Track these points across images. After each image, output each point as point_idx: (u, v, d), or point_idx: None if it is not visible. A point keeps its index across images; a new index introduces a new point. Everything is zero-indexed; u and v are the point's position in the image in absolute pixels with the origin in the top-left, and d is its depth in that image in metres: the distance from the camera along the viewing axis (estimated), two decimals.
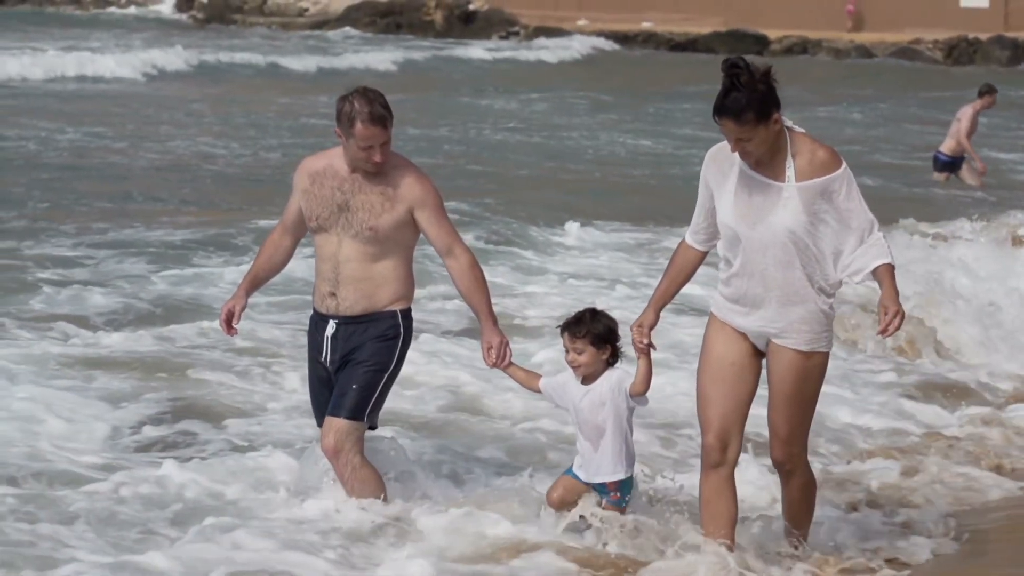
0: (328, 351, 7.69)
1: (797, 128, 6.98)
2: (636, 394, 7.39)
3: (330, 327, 7.68)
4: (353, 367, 7.61)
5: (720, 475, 7.13)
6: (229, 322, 7.89)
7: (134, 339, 11.28)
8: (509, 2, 59.10)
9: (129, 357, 10.74)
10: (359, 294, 7.63)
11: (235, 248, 14.85)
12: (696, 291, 10.98)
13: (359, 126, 7.45)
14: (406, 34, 56.05)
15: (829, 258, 6.94)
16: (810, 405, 7.15)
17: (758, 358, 7.15)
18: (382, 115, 7.49)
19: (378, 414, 7.78)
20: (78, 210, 17.02)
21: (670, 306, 7.51)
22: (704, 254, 7.28)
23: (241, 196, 18.55)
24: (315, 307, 7.79)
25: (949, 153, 22.18)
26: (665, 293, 7.31)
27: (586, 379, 7.48)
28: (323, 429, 7.66)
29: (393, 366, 7.69)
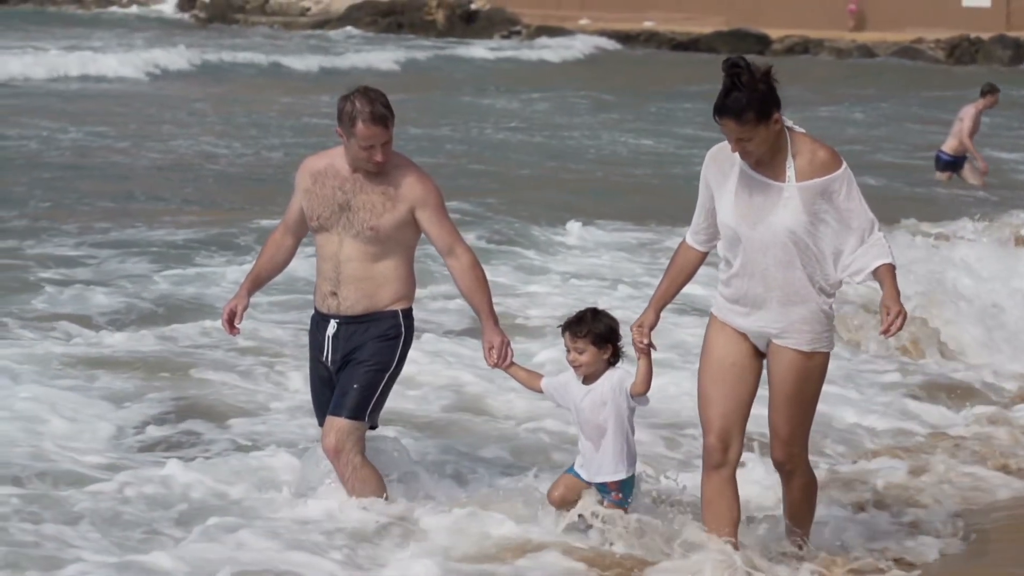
0: (329, 351, 7.69)
1: (797, 128, 6.99)
2: (637, 394, 7.39)
3: (331, 327, 7.68)
4: (354, 367, 7.61)
5: (722, 476, 7.13)
6: (231, 322, 7.89)
7: (137, 339, 11.28)
8: (511, 1, 59.03)
9: (132, 357, 10.73)
10: (360, 294, 7.63)
11: (237, 248, 14.84)
12: (698, 291, 10.99)
13: (360, 126, 7.46)
14: (408, 34, 56.01)
15: (829, 258, 6.94)
16: (811, 405, 7.15)
17: (759, 358, 7.15)
18: (383, 115, 7.49)
19: (379, 414, 7.78)
20: (80, 210, 17.01)
21: (672, 306, 7.51)
22: (705, 254, 7.29)
23: (243, 196, 18.55)
24: (316, 307, 7.79)
25: (951, 153, 22.15)
26: (665, 293, 7.31)
27: (587, 379, 7.48)
28: (324, 429, 7.66)
29: (394, 366, 7.69)
